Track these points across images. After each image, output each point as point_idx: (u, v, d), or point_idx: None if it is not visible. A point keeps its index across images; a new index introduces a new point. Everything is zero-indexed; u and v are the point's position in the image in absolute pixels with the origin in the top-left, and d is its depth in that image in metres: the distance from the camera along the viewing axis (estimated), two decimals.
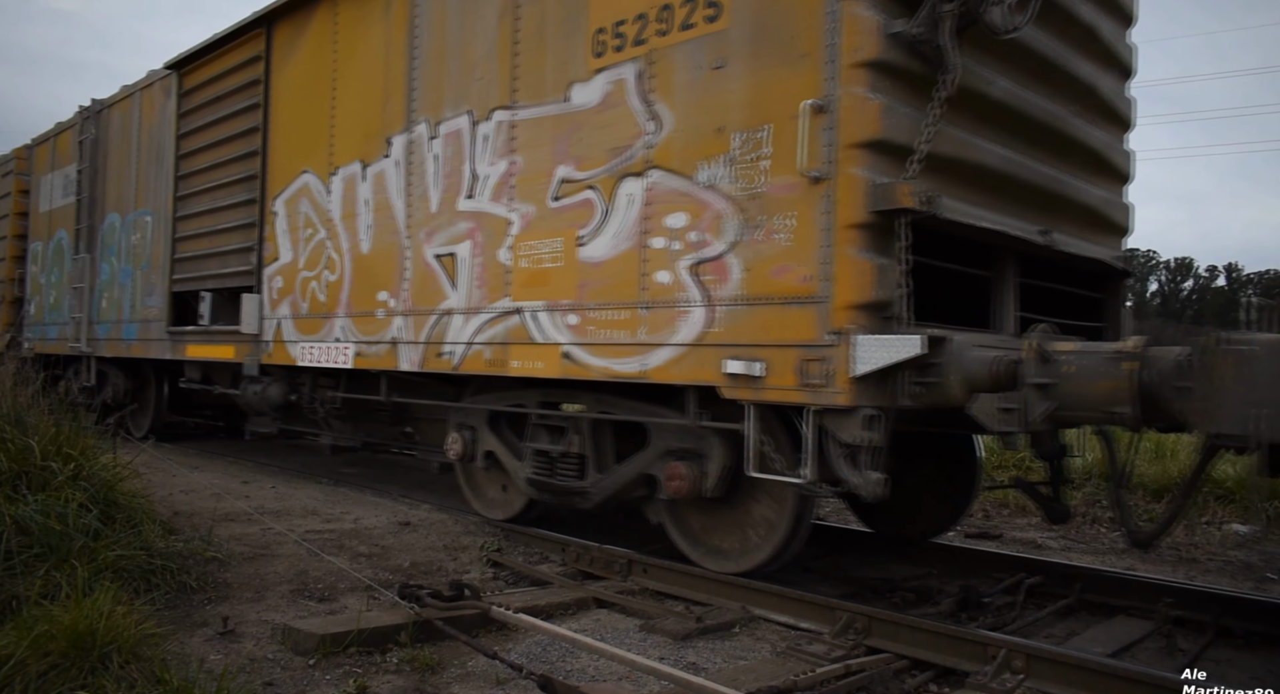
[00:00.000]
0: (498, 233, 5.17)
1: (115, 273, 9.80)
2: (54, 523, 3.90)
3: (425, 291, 5.66)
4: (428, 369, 5.61)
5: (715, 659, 3.64)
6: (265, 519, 5.68)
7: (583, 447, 4.97)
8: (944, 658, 3.59)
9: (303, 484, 7.59)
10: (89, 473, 4.47)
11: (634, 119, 4.43)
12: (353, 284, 6.31)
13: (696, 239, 4.12)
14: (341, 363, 6.37)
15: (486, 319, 5.19)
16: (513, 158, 5.09)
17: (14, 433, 4.47)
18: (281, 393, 7.26)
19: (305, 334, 6.77)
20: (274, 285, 7.16)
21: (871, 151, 3.59)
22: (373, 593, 4.25)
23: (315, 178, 6.75)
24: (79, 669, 2.88)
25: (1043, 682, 3.32)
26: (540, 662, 3.53)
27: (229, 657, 3.45)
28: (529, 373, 4.90)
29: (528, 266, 4.96)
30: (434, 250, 5.61)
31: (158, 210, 8.96)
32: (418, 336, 5.69)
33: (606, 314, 4.50)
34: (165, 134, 8.89)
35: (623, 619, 4.21)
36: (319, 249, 6.68)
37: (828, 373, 3.59)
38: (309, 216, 6.80)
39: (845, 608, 3.95)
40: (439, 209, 5.60)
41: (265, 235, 7.32)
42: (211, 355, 7.95)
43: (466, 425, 5.83)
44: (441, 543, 5.45)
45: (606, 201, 4.53)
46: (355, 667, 3.43)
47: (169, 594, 4.07)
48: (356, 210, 6.30)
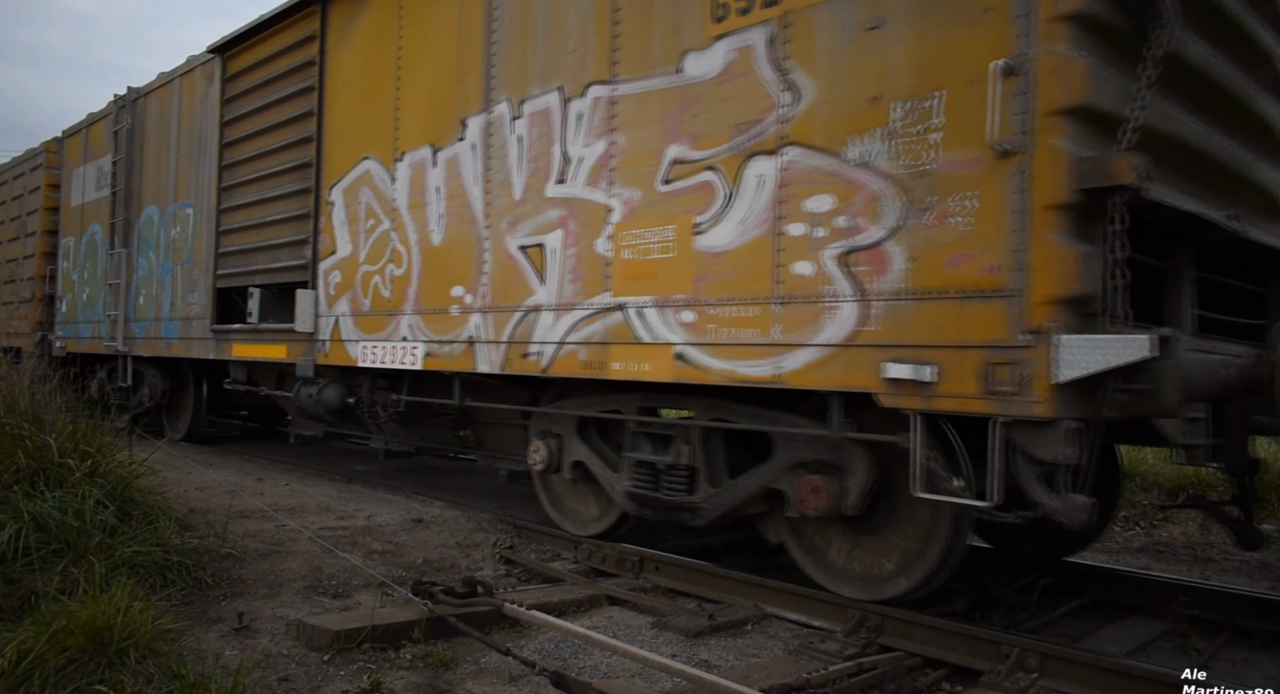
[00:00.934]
0: (594, 221, 4.68)
1: (153, 268, 9.37)
2: (71, 519, 3.92)
3: (508, 286, 5.18)
4: (511, 371, 5.13)
5: (728, 657, 3.63)
6: (279, 516, 5.65)
7: (693, 458, 4.48)
8: (957, 656, 3.56)
9: (316, 481, 7.53)
10: (105, 470, 4.48)
11: (764, 90, 3.92)
12: (422, 279, 5.83)
13: (846, 224, 3.61)
14: (409, 364, 5.89)
15: (582, 317, 4.70)
16: (613, 138, 4.60)
17: (32, 430, 4.49)
18: (339, 396, 6.80)
19: (367, 333, 6.30)
20: (331, 280, 6.70)
21: (1076, 120, 3.08)
22: (386, 589, 4.25)
23: (378, 164, 6.28)
24: (96, 664, 2.88)
25: (1057, 681, 3.28)
26: (553, 658, 3.52)
27: (244, 652, 3.47)
28: (634, 376, 4.41)
29: (632, 258, 4.46)
30: (518, 241, 5.13)
31: (200, 202, 8.52)
32: (499, 336, 5.21)
33: (731, 311, 4.00)
34: (208, 122, 8.44)
35: (635, 616, 4.21)
36: (382, 241, 6.21)
37: (1021, 378, 3.08)
38: (370, 206, 6.33)
39: (858, 606, 3.94)
40: (524, 196, 5.11)
41: (321, 227, 6.85)
42: (261, 355, 7.51)
43: (551, 433, 5.35)
44: (454, 540, 5.43)
45: (730, 184, 4.03)
46: (369, 663, 3.44)
47: (185, 590, 4.09)
48: (426, 199, 5.82)
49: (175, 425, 10.41)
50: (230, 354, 7.95)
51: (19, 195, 13.76)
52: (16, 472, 4.29)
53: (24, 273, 13.21)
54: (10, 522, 3.85)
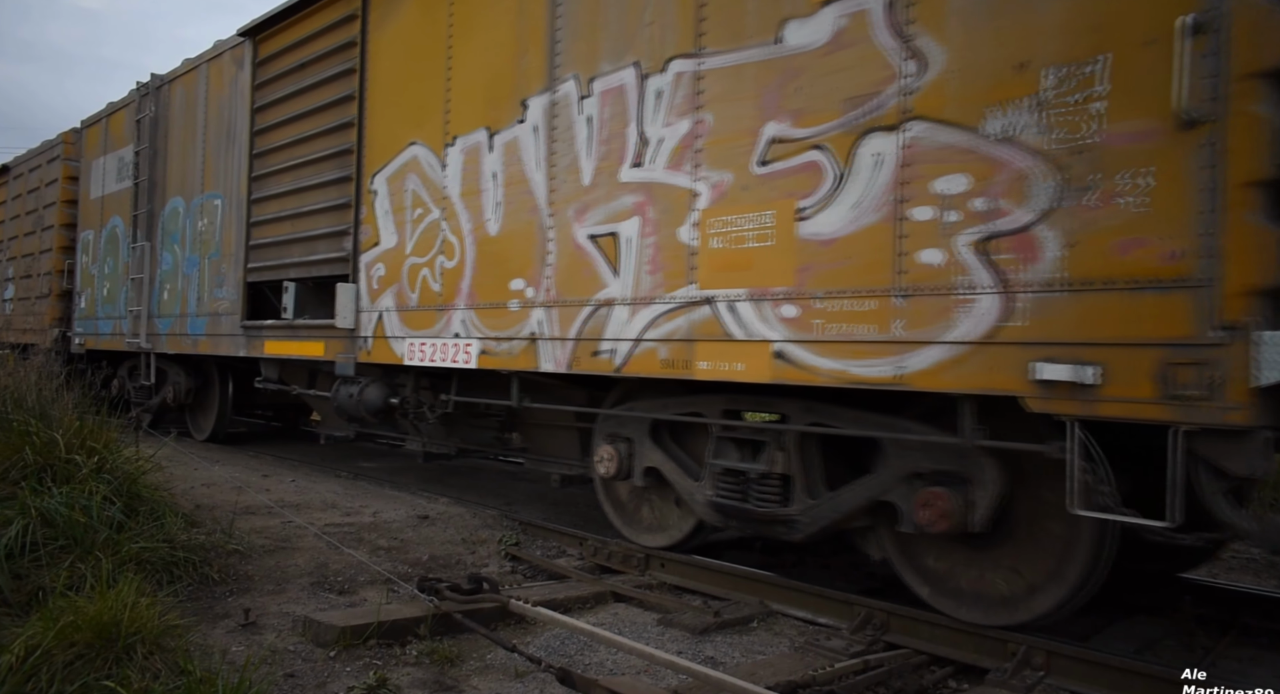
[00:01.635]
0: (677, 207, 4.29)
1: (179, 262, 9.02)
2: (78, 515, 3.93)
3: (575, 279, 4.80)
4: (579, 370, 4.75)
5: (733, 654, 3.64)
6: (285, 512, 5.63)
7: (788, 466, 4.09)
8: (963, 654, 3.55)
9: (322, 478, 7.48)
10: (112, 466, 4.48)
11: (883, 59, 3.53)
12: (476, 271, 5.45)
13: (984, 207, 3.22)
14: (462, 362, 5.52)
15: (662, 311, 4.32)
16: (698, 116, 4.22)
17: (39, 427, 4.49)
18: (381, 396, 6.43)
19: (414, 329, 5.93)
20: (374, 274, 6.33)
21: (1277, 83, 2.69)
22: (392, 586, 4.25)
23: (426, 150, 5.90)
24: (104, 660, 2.88)
25: (1063, 679, 3.27)
26: (558, 655, 3.53)
27: (251, 648, 3.48)
28: (724, 377, 4.03)
29: (722, 247, 4.08)
30: (587, 230, 4.75)
31: (229, 193, 8.16)
32: (565, 332, 4.83)
33: (842, 305, 3.61)
34: (238, 108, 8.08)
35: (640, 613, 4.21)
36: (431, 232, 5.83)
37: (1211, 381, 2.69)
38: (418, 195, 5.96)
39: (863, 603, 3.92)
40: (594, 181, 4.73)
41: (362, 217, 6.48)
42: (296, 353, 7.14)
43: (620, 437, 4.97)
44: (460, 536, 5.40)
45: (841, 164, 3.64)
46: (375, 659, 3.45)
47: (191, 586, 4.10)
48: (481, 186, 5.45)
49: (199, 425, 10.06)
50: (262, 351, 7.59)
51: (35, 188, 13.43)
52: (24, 468, 4.29)
53: (40, 267, 12.88)
54: (18, 517, 3.85)
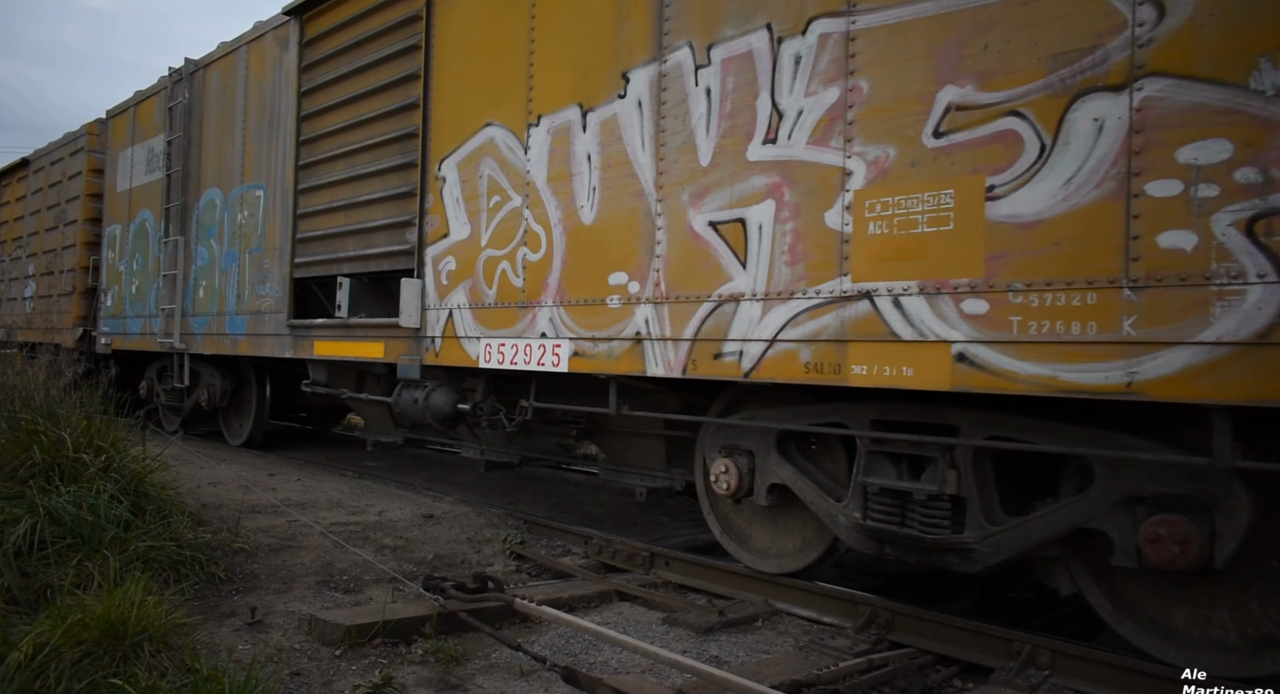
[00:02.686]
0: (823, 188, 3.74)
1: (215, 257, 8.50)
2: (86, 514, 3.94)
3: (691, 272, 4.25)
4: (695, 375, 4.21)
5: (738, 653, 3.64)
6: (291, 511, 5.61)
7: (961, 486, 3.54)
8: (968, 653, 3.54)
9: (328, 477, 7.44)
10: (119, 465, 4.47)
11: (1105, 5, 2.98)
12: (567, 264, 4.91)
13: (1254, 179, 2.66)
14: (550, 366, 4.98)
15: (804, 308, 3.77)
16: (850, 83, 3.67)
17: (47, 426, 4.48)
18: (449, 401, 5.89)
19: (492, 328, 5.39)
20: (442, 268, 5.79)
21: None
22: (397, 585, 4.26)
23: (505, 131, 5.36)
24: (111, 657, 2.88)
25: (1068, 678, 3.26)
26: (563, 654, 3.53)
27: (257, 647, 3.47)
28: (889, 383, 3.48)
29: (883, 233, 3.53)
30: (706, 216, 4.20)
31: (272, 183, 7.64)
32: (679, 331, 4.29)
33: (1049, 298, 3.06)
34: (282, 93, 7.55)
35: (645, 612, 4.21)
36: (511, 221, 5.29)
37: None
38: (495, 181, 5.42)
39: (868, 602, 3.91)
40: (714, 161, 4.18)
41: (428, 207, 5.94)
42: (352, 354, 6.61)
43: (739, 449, 4.43)
44: (465, 535, 5.39)
45: (1048, 133, 3.09)
46: (381, 657, 3.45)
47: (198, 584, 4.10)
48: (572, 169, 4.90)
49: (234, 429, 9.54)
50: (311, 353, 7.06)
51: (57, 182, 12.94)
52: (32, 466, 4.27)
53: (63, 264, 12.39)
54: (26, 516, 3.84)
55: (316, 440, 10.83)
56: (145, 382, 10.56)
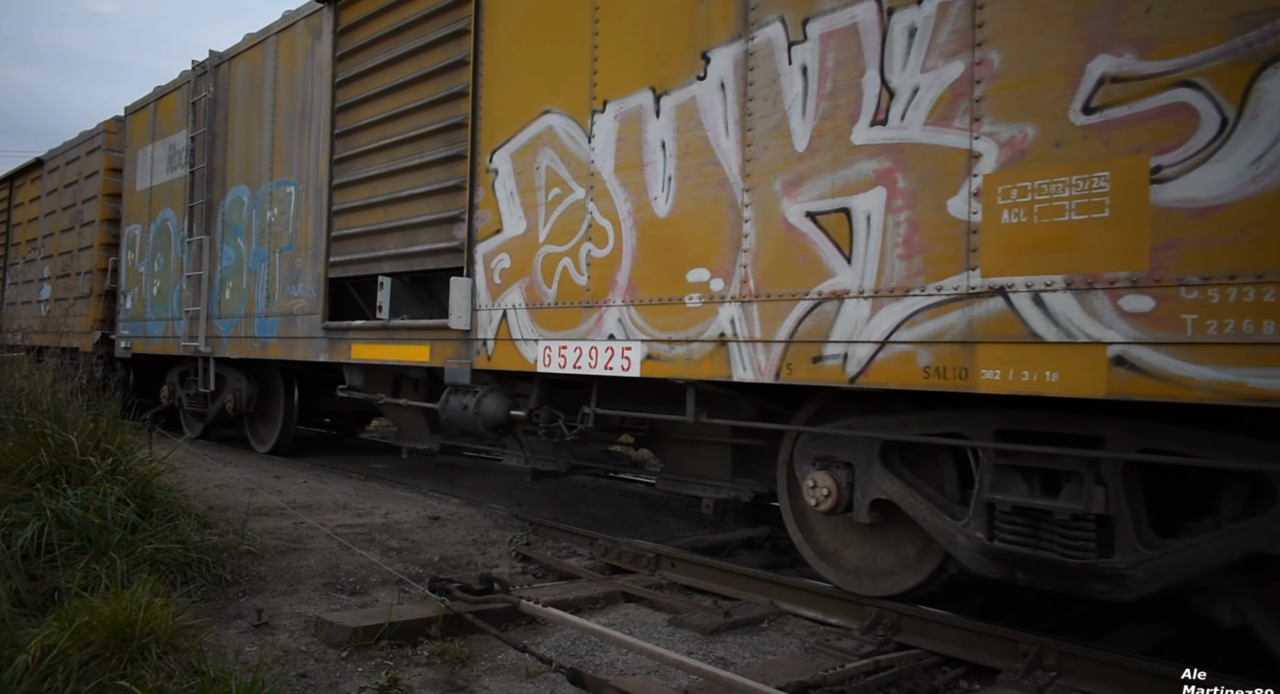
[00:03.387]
0: (945, 173, 3.38)
1: (243, 257, 8.16)
2: (93, 516, 3.94)
3: (786, 267, 3.89)
4: (791, 380, 3.84)
5: (744, 654, 3.63)
6: (297, 513, 5.61)
7: (1109, 504, 3.16)
8: (975, 655, 3.52)
9: (333, 479, 7.41)
10: (126, 467, 4.47)
11: None
12: (639, 260, 4.55)
13: None
14: (619, 370, 4.61)
15: (923, 306, 3.40)
16: (977, 56, 3.30)
17: (54, 428, 4.49)
18: (502, 407, 5.53)
19: (551, 330, 5.03)
20: (495, 266, 5.43)
21: None
22: (403, 586, 4.25)
23: (565, 119, 5.00)
24: (119, 660, 2.88)
25: (1075, 679, 3.24)
26: (569, 655, 3.52)
27: (264, 648, 3.46)
28: (1029, 390, 3.11)
29: (1021, 222, 3.16)
30: (803, 206, 3.84)
31: (304, 178, 7.29)
32: (770, 332, 3.92)
33: (1234, 293, 2.69)
34: (314, 84, 7.21)
35: (651, 613, 4.21)
36: (573, 215, 4.94)
37: None
38: (554, 172, 5.06)
39: (874, 604, 3.91)
40: (812, 146, 3.82)
41: (478, 201, 5.59)
42: (394, 358, 6.26)
43: (836, 461, 4.06)
44: (470, 537, 5.39)
45: (1230, 105, 2.72)
46: (387, 659, 3.44)
47: (204, 587, 4.10)
48: (644, 158, 4.54)
49: (261, 436, 9.20)
50: (348, 356, 6.71)
51: (73, 182, 12.62)
52: (40, 469, 4.27)
53: (80, 266, 12.07)
54: (34, 519, 3.84)
55: (342, 447, 10.48)
56: (167, 386, 10.23)
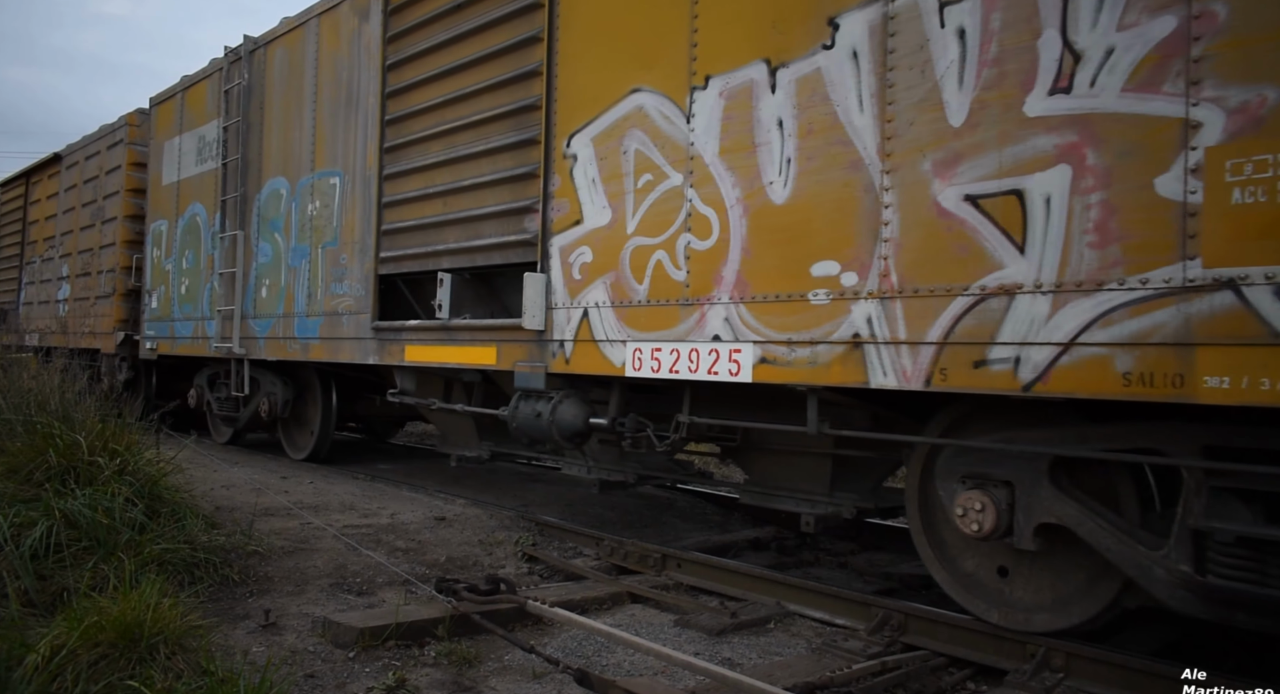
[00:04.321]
0: (1149, 146, 2.90)
1: (281, 254, 7.70)
2: (101, 517, 3.95)
3: (938, 258, 3.41)
4: (945, 387, 3.37)
5: (750, 655, 3.61)
6: (304, 514, 5.61)
7: None
8: (982, 656, 3.52)
9: (340, 480, 7.38)
10: (134, 468, 4.47)
11: None
12: (750, 253, 4.08)
13: None
14: (727, 375, 4.14)
15: (1124, 301, 2.92)
16: (1195, 7, 2.82)
17: (62, 429, 4.49)
18: (580, 415, 5.06)
19: (642, 330, 4.56)
20: (574, 260, 4.97)
21: None
22: (410, 587, 4.26)
23: (658, 97, 4.53)
24: (127, 660, 2.89)
25: (1083, 680, 3.23)
26: (576, 656, 3.51)
27: (271, 649, 3.46)
28: (1268, 400, 2.63)
29: (1257, 202, 2.67)
30: (960, 189, 3.36)
31: (351, 169, 6.84)
32: (919, 333, 3.45)
33: None
34: (361, 68, 6.75)
35: (657, 614, 4.20)
36: (669, 203, 4.47)
37: None
38: (645, 157, 4.59)
39: (881, 605, 3.91)
40: (972, 120, 3.34)
41: (553, 189, 5.12)
42: (454, 360, 5.79)
43: (991, 479, 3.58)
44: (476, 538, 5.37)
45: None
46: (394, 659, 3.44)
47: (212, 587, 4.10)
48: (757, 139, 4.07)
49: (296, 442, 8.75)
50: (401, 359, 6.25)
51: (93, 177, 12.20)
52: (48, 470, 4.26)
53: (102, 264, 11.64)
54: (42, 519, 3.84)
55: (381, 453, 10.03)
56: (194, 390, 9.79)
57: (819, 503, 4.83)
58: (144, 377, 11.57)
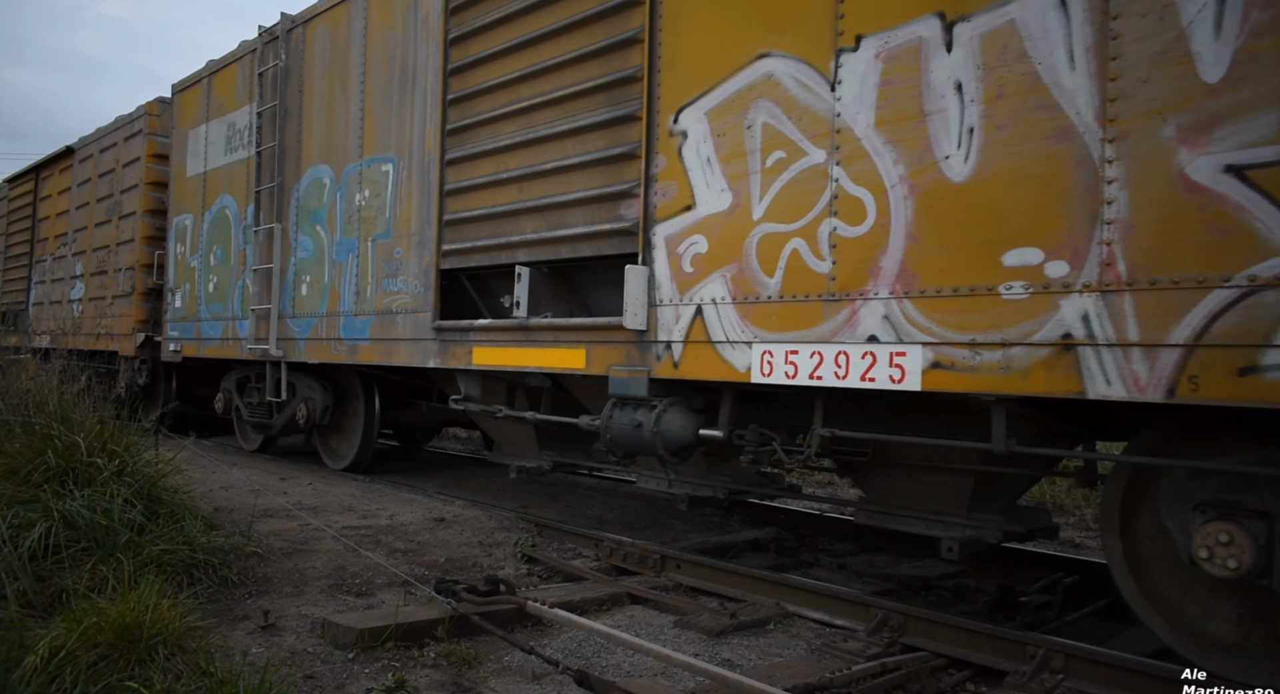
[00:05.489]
0: None
1: (324, 248, 7.11)
2: (100, 518, 3.96)
3: (1186, 242, 2.82)
4: (1197, 399, 2.78)
5: (750, 656, 3.61)
6: (303, 515, 5.58)
7: None
8: (981, 657, 3.51)
9: (339, 481, 7.33)
10: (133, 469, 4.46)
11: None
12: (916, 238, 3.49)
13: None
14: (889, 382, 3.55)
15: None
16: None
17: (60, 430, 4.48)
18: (689, 426, 4.48)
19: (773, 330, 3.98)
20: (683, 250, 4.38)
21: None
22: (409, 588, 4.25)
23: (793, 63, 3.95)
24: (126, 661, 2.89)
25: (1082, 682, 3.23)
26: (576, 657, 3.50)
27: (270, 650, 3.45)
28: None
29: None
30: (1222, 158, 2.76)
31: (405, 154, 6.24)
32: (1158, 333, 2.86)
33: None
34: (418, 43, 6.16)
35: (657, 615, 4.18)
36: (807, 184, 3.88)
37: None
38: (775, 131, 4.00)
39: (880, 605, 3.90)
40: (1235, 72, 2.74)
41: (656, 171, 4.53)
42: (534, 364, 5.20)
43: (1244, 508, 2.98)
44: (476, 539, 5.36)
45: None
46: (393, 660, 3.43)
47: (211, 588, 4.09)
48: (925, 107, 3.48)
49: (335, 450, 8.15)
50: (468, 362, 5.65)
51: (109, 171, 11.60)
52: (46, 471, 4.26)
53: (119, 261, 11.04)
54: (41, 520, 3.84)
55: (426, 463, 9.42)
56: (221, 394, 9.18)
57: (956, 525, 4.27)
58: (162, 380, 10.99)
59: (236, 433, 9.54)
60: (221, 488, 6.33)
